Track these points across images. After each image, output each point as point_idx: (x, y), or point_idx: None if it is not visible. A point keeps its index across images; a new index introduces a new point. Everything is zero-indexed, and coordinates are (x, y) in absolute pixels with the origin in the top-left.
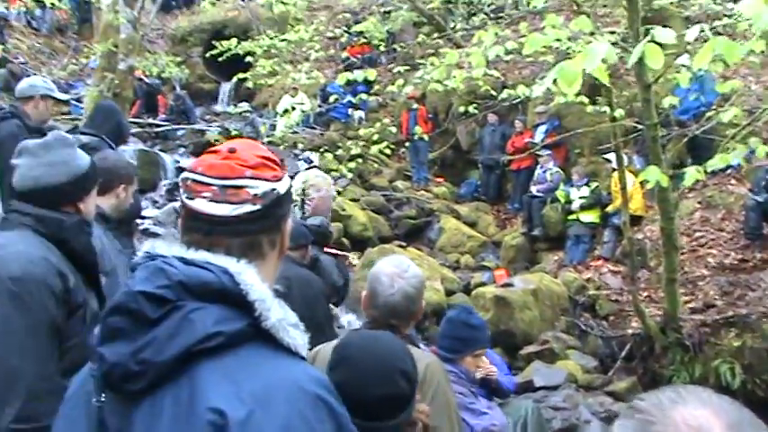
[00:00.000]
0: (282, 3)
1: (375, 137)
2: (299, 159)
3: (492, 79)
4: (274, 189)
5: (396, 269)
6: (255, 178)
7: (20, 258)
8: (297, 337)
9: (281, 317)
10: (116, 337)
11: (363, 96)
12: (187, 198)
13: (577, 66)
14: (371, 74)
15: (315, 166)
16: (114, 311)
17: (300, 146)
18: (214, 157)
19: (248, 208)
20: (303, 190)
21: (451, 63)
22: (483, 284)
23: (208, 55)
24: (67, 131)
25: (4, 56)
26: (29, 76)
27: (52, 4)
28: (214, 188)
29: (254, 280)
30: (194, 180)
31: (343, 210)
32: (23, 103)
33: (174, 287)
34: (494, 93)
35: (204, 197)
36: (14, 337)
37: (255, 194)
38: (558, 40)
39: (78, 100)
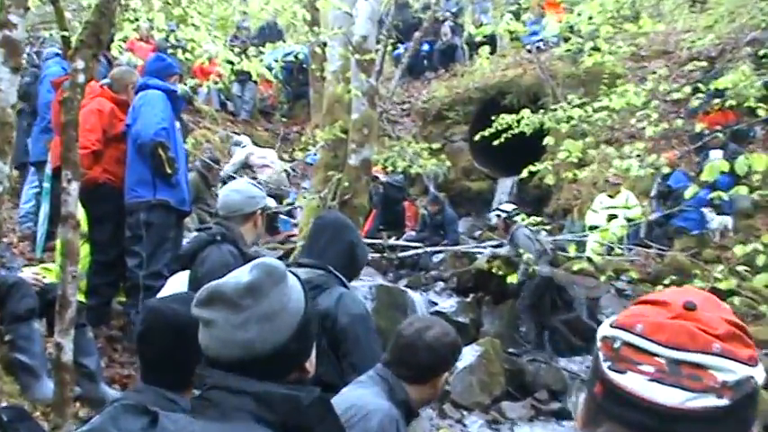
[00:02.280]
0: (595, 50)
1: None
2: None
3: None
4: (751, 377)
5: None
6: (726, 357)
7: None
8: None
9: None
10: None
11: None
12: (612, 369)
13: None
14: (761, 161)
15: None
16: None
17: (628, 276)
18: (660, 313)
19: (711, 402)
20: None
21: None
22: None
23: (477, 137)
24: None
25: (189, 151)
26: (224, 182)
27: (258, 75)
28: (661, 361)
29: None
30: (629, 344)
31: None
32: (239, 222)
33: None
34: None
35: (643, 373)
36: None
37: (725, 382)
38: None
39: (289, 213)
